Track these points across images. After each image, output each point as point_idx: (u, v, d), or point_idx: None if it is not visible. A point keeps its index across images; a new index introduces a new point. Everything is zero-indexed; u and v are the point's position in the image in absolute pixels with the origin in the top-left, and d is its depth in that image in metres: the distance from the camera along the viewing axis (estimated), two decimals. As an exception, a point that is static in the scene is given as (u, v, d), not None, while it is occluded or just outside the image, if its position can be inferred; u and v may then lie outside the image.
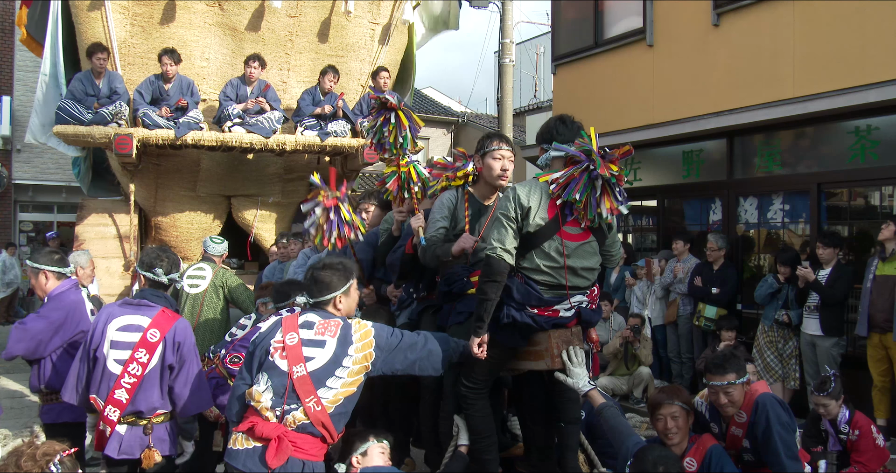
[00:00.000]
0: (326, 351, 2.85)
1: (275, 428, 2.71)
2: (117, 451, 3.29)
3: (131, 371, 3.27)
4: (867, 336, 5.68)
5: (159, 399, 3.37)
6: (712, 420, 3.49)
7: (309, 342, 2.87)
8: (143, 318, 3.36)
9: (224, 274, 5.96)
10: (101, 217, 7.70)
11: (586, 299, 3.17)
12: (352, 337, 2.90)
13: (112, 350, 3.30)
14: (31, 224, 16.31)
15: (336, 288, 3.00)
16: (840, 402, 4.24)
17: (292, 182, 8.26)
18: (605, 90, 9.01)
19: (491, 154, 3.43)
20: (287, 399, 2.76)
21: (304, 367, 2.80)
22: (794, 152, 7.12)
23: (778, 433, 3.15)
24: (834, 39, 6.35)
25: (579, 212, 3.02)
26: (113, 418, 3.27)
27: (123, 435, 3.31)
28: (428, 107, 20.52)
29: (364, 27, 8.09)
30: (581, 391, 3.12)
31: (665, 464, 2.67)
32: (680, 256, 7.46)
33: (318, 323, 2.94)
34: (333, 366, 2.82)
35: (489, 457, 3.29)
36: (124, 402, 3.26)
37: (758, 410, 3.22)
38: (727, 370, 3.26)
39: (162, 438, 3.40)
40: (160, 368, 3.35)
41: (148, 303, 3.42)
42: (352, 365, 2.84)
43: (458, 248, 3.30)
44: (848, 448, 4.22)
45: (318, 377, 2.79)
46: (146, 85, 7.14)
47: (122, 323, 3.34)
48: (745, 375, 3.29)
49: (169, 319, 3.40)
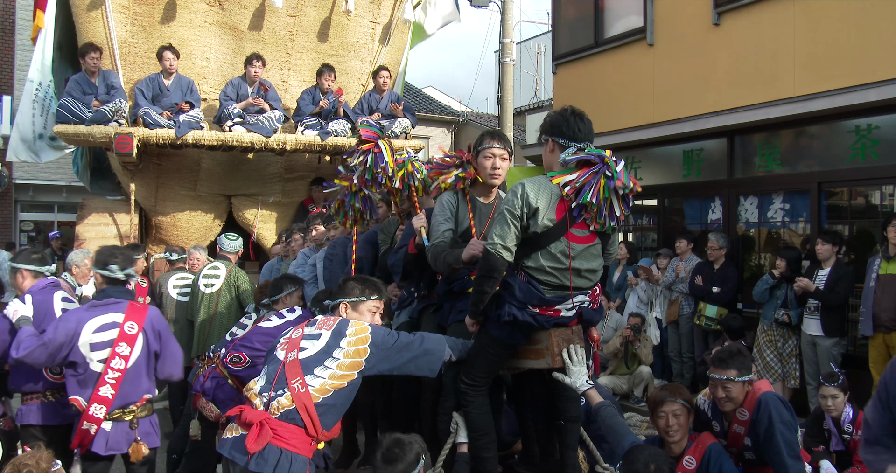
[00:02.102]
0: (320, 341, 2.93)
1: (258, 415, 2.76)
2: (104, 448, 3.37)
3: (114, 366, 3.35)
4: (871, 336, 5.64)
5: (148, 385, 3.50)
6: (714, 419, 3.49)
7: (308, 335, 2.98)
8: (116, 315, 3.43)
9: (237, 274, 5.95)
10: (102, 216, 7.70)
11: (588, 299, 3.16)
12: (346, 331, 2.96)
13: (93, 352, 3.35)
14: (32, 223, 16.31)
15: (348, 294, 3.14)
16: (847, 396, 4.23)
17: (293, 181, 8.26)
18: (606, 89, 9.01)
19: (482, 152, 3.44)
20: (275, 386, 2.82)
21: (296, 354, 2.89)
22: (795, 151, 7.12)
23: (780, 432, 3.15)
24: (834, 39, 6.35)
25: (591, 216, 2.99)
26: (99, 415, 3.32)
27: (109, 432, 3.39)
28: (428, 107, 20.52)
29: (364, 26, 8.10)
30: (579, 390, 3.12)
31: (656, 462, 2.66)
32: (683, 255, 7.46)
33: (321, 319, 3.06)
34: (324, 356, 2.87)
35: (488, 455, 3.28)
36: (110, 398, 3.33)
37: (760, 408, 3.22)
38: (730, 365, 3.27)
39: (148, 431, 3.53)
40: (146, 356, 3.47)
41: (115, 300, 3.49)
42: (342, 357, 2.88)
43: (468, 255, 3.27)
44: (850, 448, 4.21)
45: (306, 364, 2.86)
46: (147, 82, 7.15)
47: (96, 324, 3.39)
48: (748, 374, 3.28)
49: (140, 310, 3.50)
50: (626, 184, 2.97)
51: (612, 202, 2.98)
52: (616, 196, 3.00)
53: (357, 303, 3.15)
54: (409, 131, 7.91)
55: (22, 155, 7.71)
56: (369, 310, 3.17)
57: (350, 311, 3.15)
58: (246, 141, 7.10)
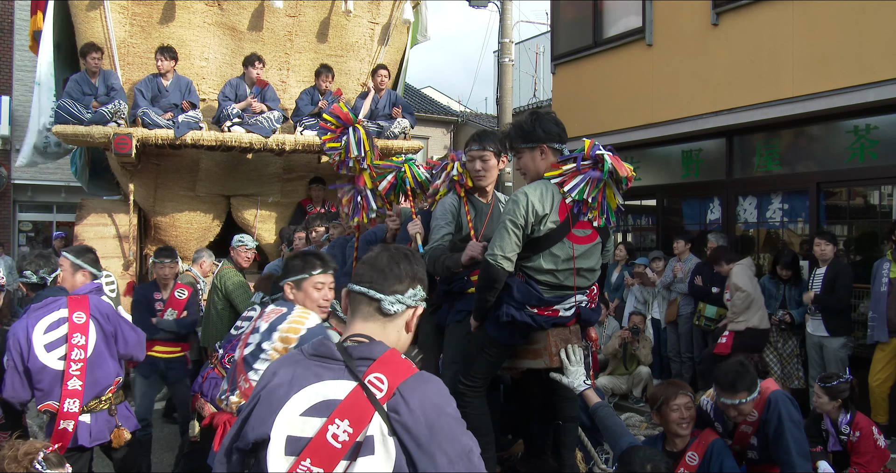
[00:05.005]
0: (256, 336, 2.84)
1: (220, 416, 2.77)
2: (89, 439, 3.44)
3: (75, 357, 3.39)
4: (887, 341, 5.55)
5: (116, 367, 3.57)
6: (717, 420, 3.50)
7: (255, 329, 2.89)
8: (60, 311, 3.46)
9: (222, 273, 5.89)
10: (101, 217, 7.69)
11: (586, 298, 3.16)
12: (279, 325, 2.77)
13: (48, 353, 3.37)
14: (31, 224, 16.30)
15: (289, 273, 2.93)
16: (837, 404, 4.21)
17: (292, 182, 8.25)
18: (605, 90, 9.01)
19: (466, 155, 3.49)
20: (231, 385, 2.81)
21: (242, 350, 2.83)
22: (793, 151, 7.12)
23: (790, 431, 3.17)
24: (833, 39, 6.35)
25: (591, 210, 2.97)
26: (74, 409, 3.36)
27: (90, 423, 3.45)
28: (427, 107, 20.53)
29: (363, 27, 8.09)
30: (577, 390, 3.12)
31: (653, 462, 2.67)
32: (681, 256, 7.46)
33: (269, 311, 2.91)
34: (258, 350, 2.76)
35: (487, 456, 3.28)
36: (80, 389, 3.37)
37: (770, 408, 3.23)
38: (738, 388, 3.24)
39: (126, 416, 3.65)
40: (104, 340, 3.52)
41: (52, 299, 3.52)
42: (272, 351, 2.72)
43: (467, 257, 3.26)
44: (848, 449, 4.21)
45: (247, 360, 2.78)
46: (145, 83, 7.15)
47: (43, 326, 3.42)
48: (756, 390, 3.27)
49: (81, 300, 3.53)
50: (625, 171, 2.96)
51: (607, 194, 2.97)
52: (611, 184, 2.98)
53: (300, 282, 2.92)
54: (409, 131, 7.90)
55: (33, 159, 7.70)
56: (314, 287, 2.93)
57: (295, 291, 2.93)
58: (245, 141, 7.09)
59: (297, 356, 1.72)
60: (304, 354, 1.71)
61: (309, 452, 1.56)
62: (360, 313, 1.74)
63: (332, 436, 1.56)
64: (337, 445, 1.56)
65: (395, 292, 1.73)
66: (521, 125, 3.17)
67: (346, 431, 1.56)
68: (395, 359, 1.66)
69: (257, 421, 1.63)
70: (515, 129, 3.19)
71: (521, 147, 3.15)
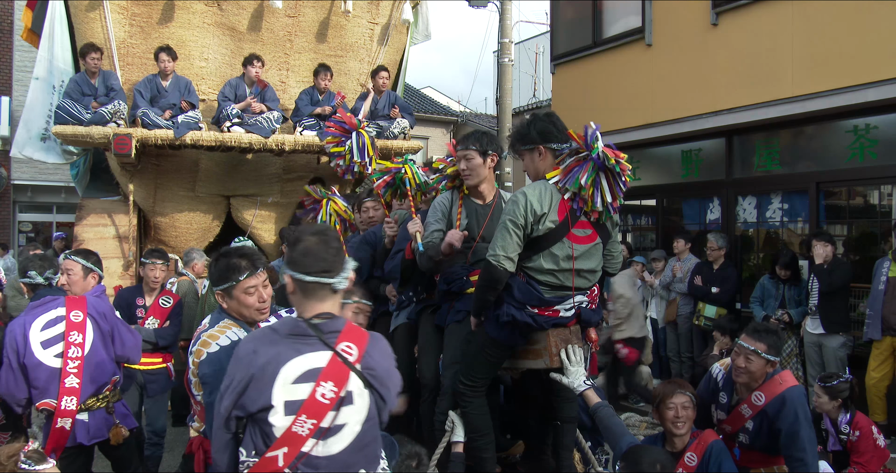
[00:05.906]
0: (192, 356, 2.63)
1: (194, 440, 2.69)
2: (87, 437, 3.45)
3: (72, 355, 3.40)
4: (879, 339, 5.60)
5: (112, 366, 3.58)
6: (724, 390, 3.51)
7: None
8: (58, 309, 3.48)
9: None
10: (101, 217, 7.69)
11: (587, 299, 3.17)
12: (193, 346, 2.54)
13: (45, 350, 3.39)
14: (31, 224, 16.30)
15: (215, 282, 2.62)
16: (837, 404, 4.22)
17: (291, 182, 8.25)
18: (604, 89, 9.01)
19: (455, 156, 3.51)
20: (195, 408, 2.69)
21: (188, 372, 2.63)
22: (793, 151, 7.12)
23: (805, 429, 3.21)
24: (832, 39, 6.35)
25: (587, 203, 2.97)
26: (71, 407, 3.37)
27: (88, 421, 3.46)
28: (427, 107, 20.54)
29: (363, 27, 8.09)
30: (577, 390, 3.12)
31: (662, 463, 2.67)
32: (680, 255, 7.46)
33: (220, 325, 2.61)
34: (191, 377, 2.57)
35: (487, 456, 3.29)
36: (77, 387, 3.38)
37: (786, 403, 3.25)
38: (762, 339, 3.31)
39: (124, 413, 3.66)
40: (101, 338, 3.53)
41: (51, 298, 3.55)
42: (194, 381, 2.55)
43: (446, 244, 3.31)
44: (847, 448, 4.22)
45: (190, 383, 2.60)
46: (144, 83, 7.15)
47: (41, 323, 3.43)
48: (775, 355, 3.32)
49: (79, 299, 3.55)
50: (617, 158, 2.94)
51: (602, 185, 2.95)
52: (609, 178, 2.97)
53: (228, 290, 2.58)
54: (408, 131, 7.90)
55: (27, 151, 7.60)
56: (245, 292, 2.57)
57: (227, 300, 2.60)
58: (244, 141, 7.09)
59: (273, 335, 2.04)
60: (280, 334, 2.04)
61: (304, 410, 1.98)
62: (316, 296, 2.08)
63: (321, 395, 1.99)
64: (325, 402, 1.99)
65: (340, 272, 2.07)
66: (518, 128, 3.25)
67: (331, 390, 2.00)
68: (353, 328, 2.12)
69: (256, 394, 1.98)
70: (514, 132, 3.27)
71: (520, 149, 3.21)
